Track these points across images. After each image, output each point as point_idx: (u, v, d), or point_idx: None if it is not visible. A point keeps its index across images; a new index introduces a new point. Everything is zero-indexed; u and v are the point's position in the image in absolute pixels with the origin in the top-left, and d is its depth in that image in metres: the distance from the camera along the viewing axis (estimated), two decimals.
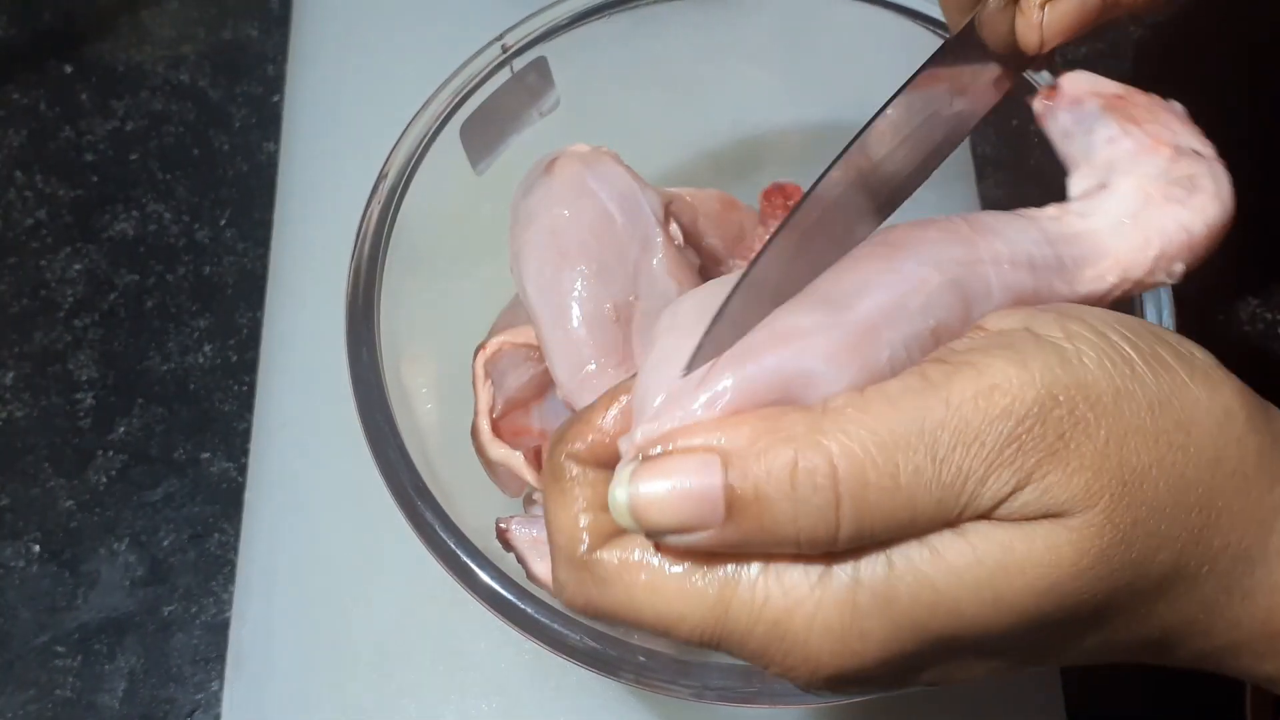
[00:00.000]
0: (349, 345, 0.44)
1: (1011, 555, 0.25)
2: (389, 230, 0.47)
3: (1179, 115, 0.34)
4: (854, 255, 0.29)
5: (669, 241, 0.46)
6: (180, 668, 0.54)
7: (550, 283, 0.45)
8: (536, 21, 0.50)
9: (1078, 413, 0.25)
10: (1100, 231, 0.31)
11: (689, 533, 0.25)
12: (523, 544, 0.44)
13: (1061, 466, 0.25)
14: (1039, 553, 0.25)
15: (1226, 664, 0.29)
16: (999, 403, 0.25)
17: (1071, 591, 0.26)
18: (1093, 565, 0.25)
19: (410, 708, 0.51)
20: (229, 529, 0.56)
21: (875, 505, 0.25)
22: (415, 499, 0.42)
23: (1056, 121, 0.35)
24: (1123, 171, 0.32)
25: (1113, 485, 0.25)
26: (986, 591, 0.25)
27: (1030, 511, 0.25)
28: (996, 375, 0.25)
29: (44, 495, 0.57)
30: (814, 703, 0.40)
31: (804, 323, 0.27)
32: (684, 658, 0.39)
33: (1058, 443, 0.25)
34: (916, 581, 0.25)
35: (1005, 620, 0.26)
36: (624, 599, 0.27)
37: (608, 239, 0.46)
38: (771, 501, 0.25)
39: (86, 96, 0.66)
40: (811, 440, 0.25)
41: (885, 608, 0.26)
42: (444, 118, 0.48)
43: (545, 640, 0.39)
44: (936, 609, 0.26)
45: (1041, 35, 0.36)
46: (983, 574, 0.25)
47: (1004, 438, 0.25)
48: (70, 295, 0.61)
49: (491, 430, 0.48)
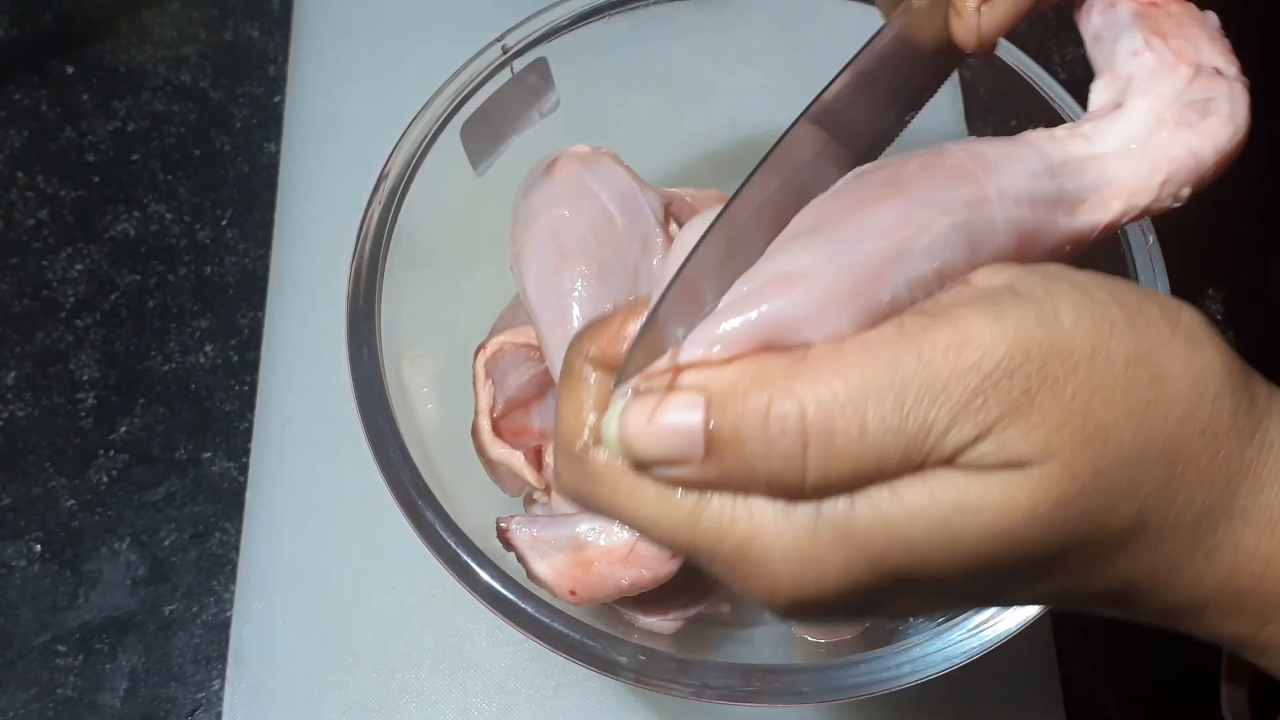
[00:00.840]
0: (350, 345, 0.44)
1: (966, 498, 0.26)
2: (389, 231, 0.47)
3: (1209, 29, 0.33)
4: (861, 193, 0.29)
5: (669, 241, 0.47)
6: (181, 667, 0.54)
7: (551, 283, 0.45)
8: (537, 23, 0.50)
9: (1047, 369, 0.26)
10: (1107, 157, 0.31)
11: (672, 466, 0.27)
12: (523, 543, 0.44)
13: (1023, 421, 0.26)
14: (993, 498, 0.26)
15: (1191, 622, 0.29)
16: (968, 357, 0.26)
17: (1026, 537, 0.26)
18: (1049, 513, 0.26)
19: (411, 706, 0.52)
20: (230, 528, 0.56)
21: (841, 451, 0.26)
22: (416, 498, 0.42)
23: (1090, 23, 0.34)
24: (1139, 90, 0.32)
25: (1074, 439, 0.26)
26: (940, 531, 0.26)
27: (989, 462, 0.26)
28: (970, 329, 0.26)
29: (45, 495, 0.57)
30: (814, 701, 0.40)
31: (809, 265, 0.27)
32: (684, 656, 0.40)
33: (1022, 398, 0.26)
34: (875, 518, 0.26)
35: (959, 560, 0.27)
36: (607, 496, 0.28)
37: (608, 239, 0.46)
38: (745, 442, 0.26)
39: (88, 97, 0.67)
40: (786, 387, 0.26)
41: (844, 540, 0.27)
42: (444, 118, 0.49)
43: (546, 639, 0.40)
44: (892, 545, 0.27)
45: (979, 35, 0.36)
46: (938, 515, 0.26)
47: (969, 391, 0.26)
48: (72, 295, 0.61)
49: (492, 430, 0.48)
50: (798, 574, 0.27)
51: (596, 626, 0.40)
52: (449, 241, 0.52)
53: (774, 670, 0.40)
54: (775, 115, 0.59)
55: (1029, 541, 0.26)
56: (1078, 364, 0.26)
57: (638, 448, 0.27)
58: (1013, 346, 0.26)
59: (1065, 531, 0.27)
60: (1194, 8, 0.34)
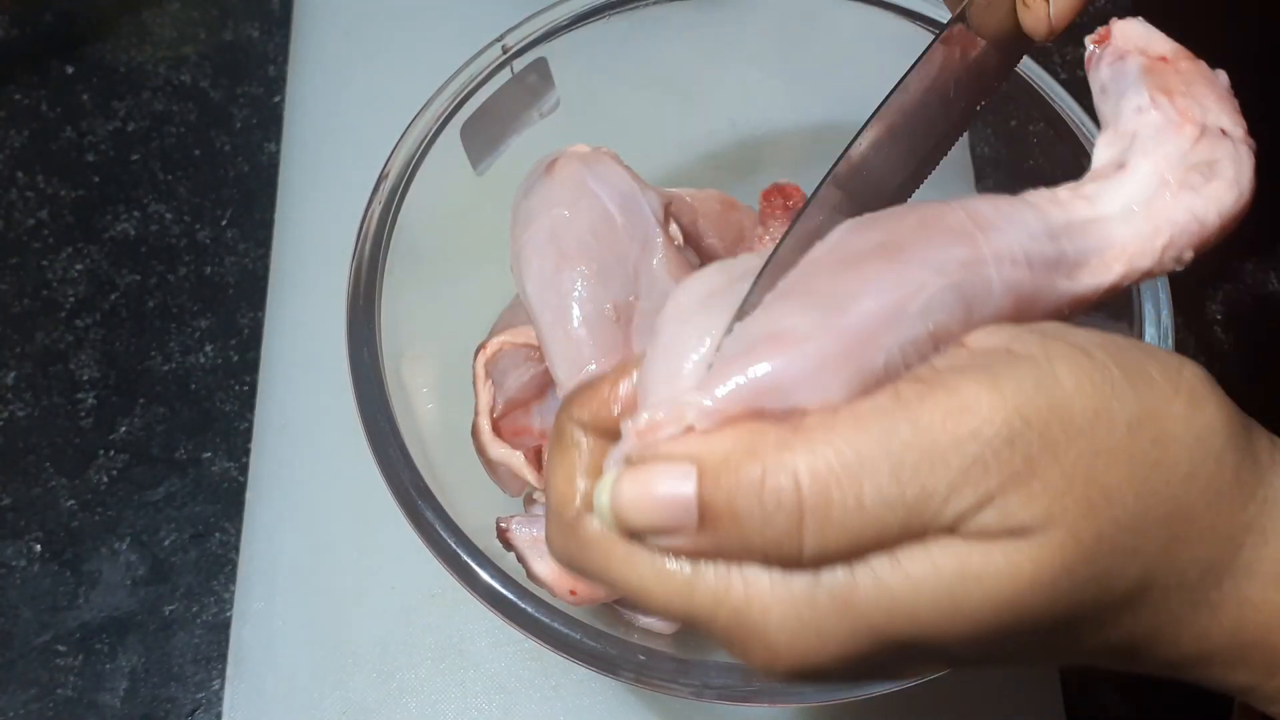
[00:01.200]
0: (350, 345, 0.44)
1: (969, 566, 0.26)
2: (389, 230, 0.47)
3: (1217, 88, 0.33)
4: (855, 253, 0.29)
5: (669, 242, 0.47)
6: (181, 667, 0.54)
7: (551, 283, 0.45)
8: (537, 23, 0.50)
9: (1048, 435, 0.26)
10: (1108, 220, 0.31)
11: (665, 536, 0.26)
12: (523, 543, 0.44)
13: (1025, 488, 0.25)
14: (997, 566, 0.26)
15: (1197, 673, 0.29)
16: (966, 425, 0.25)
17: (1031, 604, 0.26)
18: (1054, 580, 0.26)
19: (411, 706, 0.51)
20: (230, 528, 0.56)
21: (838, 522, 0.25)
22: (416, 498, 0.42)
23: (1098, 74, 0.34)
24: (1142, 151, 0.32)
25: (1077, 505, 0.26)
26: (944, 600, 0.26)
27: (991, 530, 0.26)
28: (967, 397, 0.26)
29: (45, 495, 0.57)
30: (813, 701, 0.40)
31: (800, 326, 0.27)
32: (684, 656, 0.40)
33: (1022, 466, 0.25)
34: (875, 587, 0.26)
35: (962, 628, 0.26)
36: (601, 564, 0.28)
37: (608, 239, 0.46)
38: (740, 514, 0.26)
39: (88, 97, 0.67)
40: (779, 459, 0.26)
41: (844, 609, 0.26)
42: (444, 118, 0.49)
43: (546, 639, 0.40)
44: (894, 614, 0.26)
45: (1050, 25, 0.36)
46: (940, 584, 0.26)
47: (968, 459, 0.25)
48: (72, 295, 0.61)
49: (492, 430, 0.48)
50: (796, 642, 0.27)
51: (596, 626, 0.40)
52: (449, 241, 0.52)
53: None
54: (775, 115, 0.59)
55: (1034, 608, 0.26)
56: (1079, 429, 0.26)
57: (630, 518, 0.27)
58: (1011, 413, 0.25)
59: (1070, 596, 0.26)
60: (1204, 65, 0.33)
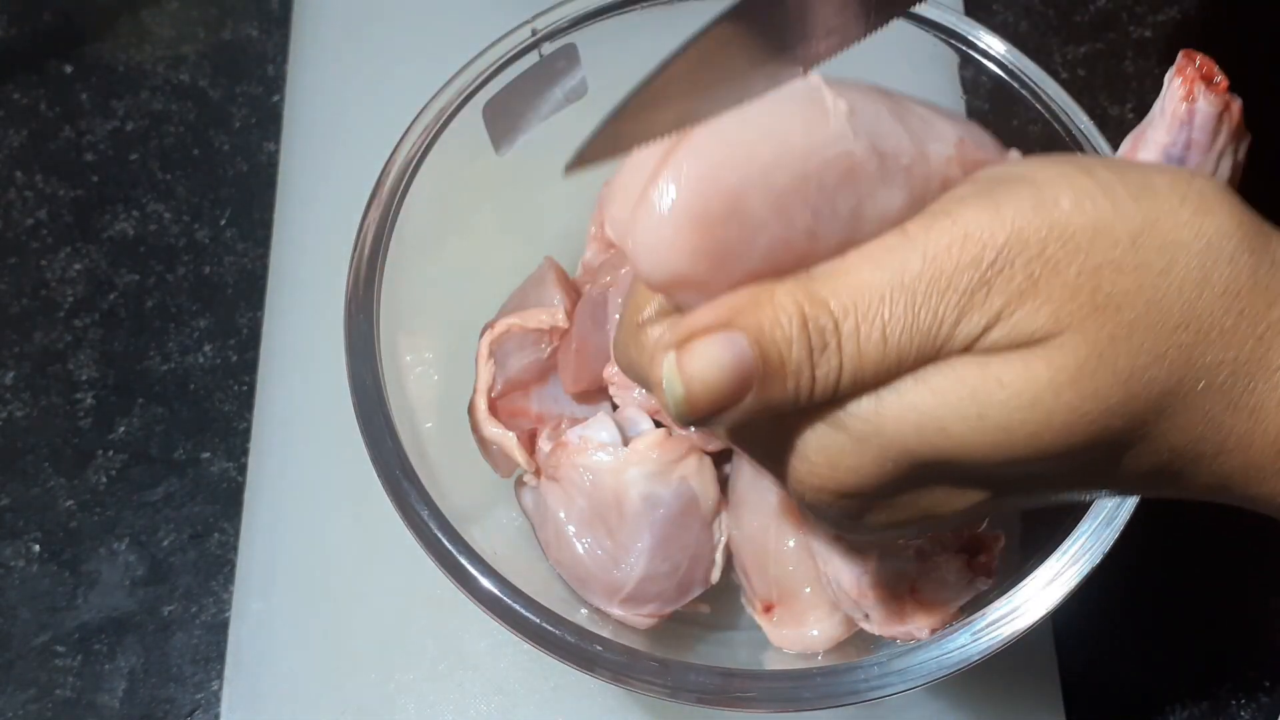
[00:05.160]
0: (347, 343, 0.45)
1: (988, 376, 0.27)
2: (390, 230, 0.47)
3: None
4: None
5: None
6: (180, 667, 0.54)
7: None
8: (569, 8, 0.50)
9: (1048, 253, 0.27)
10: None
11: (733, 406, 0.27)
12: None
13: (1030, 303, 0.27)
14: (1015, 371, 0.27)
15: (1250, 490, 0.29)
16: (970, 250, 0.27)
17: (1055, 408, 0.27)
18: (1072, 380, 0.27)
19: (409, 707, 0.51)
20: (229, 529, 0.56)
21: (866, 355, 0.27)
22: (414, 501, 0.42)
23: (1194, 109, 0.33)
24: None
25: (1082, 310, 0.27)
26: (970, 408, 0.27)
27: (1003, 344, 0.27)
28: (969, 223, 0.27)
29: (44, 495, 0.57)
30: (807, 708, 0.39)
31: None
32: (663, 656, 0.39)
33: (1025, 283, 0.27)
34: (902, 406, 0.28)
35: (992, 438, 0.27)
36: (649, 367, 0.29)
37: None
38: (791, 362, 0.27)
39: (87, 96, 0.66)
40: (818, 301, 0.27)
41: (877, 430, 0.28)
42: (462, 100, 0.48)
43: (529, 636, 0.40)
44: (924, 430, 0.28)
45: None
46: (964, 394, 0.27)
47: (974, 282, 0.27)
48: (70, 295, 0.61)
49: (488, 409, 0.48)
50: (833, 467, 0.28)
51: (577, 623, 0.40)
52: (462, 219, 0.52)
53: (781, 675, 0.40)
54: None
55: (1059, 411, 0.27)
56: (1078, 245, 0.27)
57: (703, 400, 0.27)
58: (1011, 235, 0.27)
59: (1094, 399, 0.27)
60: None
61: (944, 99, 0.59)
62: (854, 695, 0.39)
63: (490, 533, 0.44)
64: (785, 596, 0.47)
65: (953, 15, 0.49)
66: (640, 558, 0.45)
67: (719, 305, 0.27)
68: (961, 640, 0.40)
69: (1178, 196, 0.27)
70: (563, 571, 0.47)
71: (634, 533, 0.45)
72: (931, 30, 0.49)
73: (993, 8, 0.69)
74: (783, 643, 0.47)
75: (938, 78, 0.57)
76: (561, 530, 0.46)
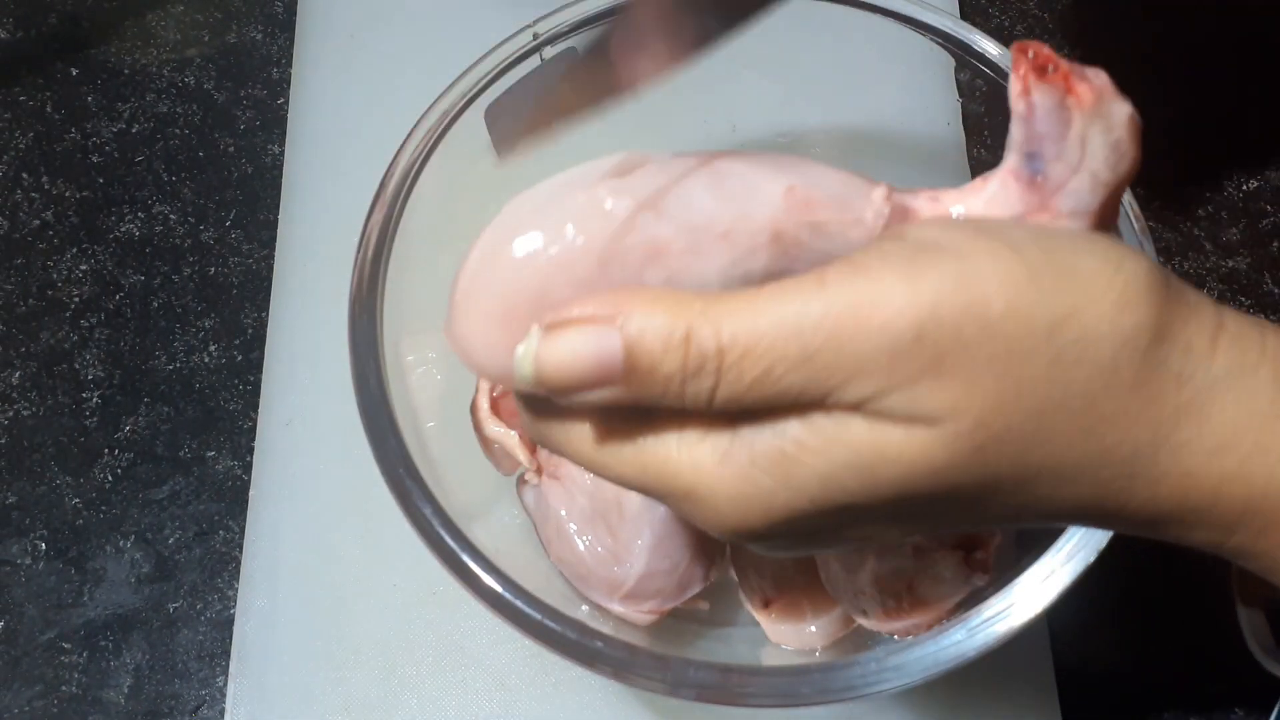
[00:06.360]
0: (351, 341, 0.45)
1: (880, 444, 0.27)
2: (393, 232, 0.47)
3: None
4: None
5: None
6: (185, 664, 0.54)
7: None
8: (569, 13, 0.50)
9: (962, 333, 0.26)
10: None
11: (591, 390, 0.28)
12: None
13: (931, 381, 0.26)
14: (907, 447, 0.27)
15: (1161, 533, 0.30)
16: (876, 318, 0.26)
17: (948, 480, 0.27)
18: (966, 463, 0.27)
19: (412, 702, 0.52)
20: (234, 526, 0.56)
21: (750, 385, 0.27)
22: (417, 499, 0.42)
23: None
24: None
25: (986, 398, 0.26)
26: (865, 473, 0.27)
27: (897, 415, 0.27)
28: (883, 288, 0.26)
29: (51, 493, 0.57)
30: (806, 704, 0.40)
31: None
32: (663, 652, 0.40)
33: (930, 361, 0.26)
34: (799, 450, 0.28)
35: (886, 496, 0.28)
36: (561, 438, 0.30)
37: None
38: (661, 370, 0.27)
39: (92, 99, 0.67)
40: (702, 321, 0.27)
41: (784, 478, 0.28)
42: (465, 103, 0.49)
43: (531, 632, 0.40)
44: (828, 484, 0.28)
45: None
46: (859, 458, 0.27)
47: (877, 350, 0.26)
48: (77, 295, 0.62)
49: (490, 408, 0.49)
50: (743, 514, 0.29)
51: (578, 620, 0.40)
52: (450, 242, 0.52)
53: (779, 671, 0.40)
54: (776, 119, 0.59)
55: (950, 481, 0.27)
56: (995, 329, 0.26)
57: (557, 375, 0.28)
58: (924, 310, 0.26)
59: (987, 472, 0.27)
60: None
61: (940, 102, 0.59)
62: (851, 691, 0.39)
63: (492, 530, 0.45)
64: (783, 593, 0.47)
65: (949, 19, 0.50)
66: (640, 555, 0.45)
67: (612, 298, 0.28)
68: (958, 636, 0.40)
69: (1101, 286, 0.27)
70: (564, 569, 0.47)
71: (634, 530, 0.45)
72: (927, 34, 0.49)
73: (988, 12, 0.70)
74: (781, 639, 0.47)
75: (933, 82, 0.58)
76: (563, 528, 0.47)
